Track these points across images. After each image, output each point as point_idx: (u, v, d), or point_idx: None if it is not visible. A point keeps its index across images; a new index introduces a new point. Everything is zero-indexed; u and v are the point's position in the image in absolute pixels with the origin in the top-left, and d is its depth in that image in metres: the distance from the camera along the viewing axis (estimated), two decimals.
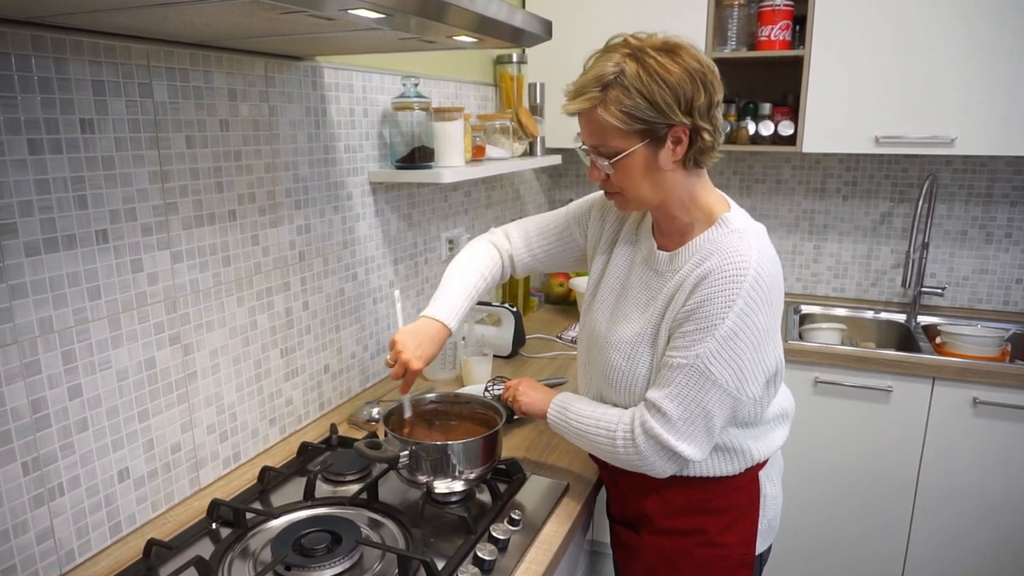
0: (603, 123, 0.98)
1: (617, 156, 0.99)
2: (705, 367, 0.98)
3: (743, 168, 2.57)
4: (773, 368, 1.05)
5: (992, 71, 1.91)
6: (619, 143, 0.98)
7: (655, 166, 1.00)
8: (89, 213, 1.00)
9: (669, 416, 1.00)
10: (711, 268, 0.99)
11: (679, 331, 1.01)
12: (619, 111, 0.95)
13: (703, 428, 1.01)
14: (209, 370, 1.24)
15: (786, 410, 1.17)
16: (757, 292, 0.97)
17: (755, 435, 1.10)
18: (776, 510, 1.17)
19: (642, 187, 1.02)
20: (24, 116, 0.91)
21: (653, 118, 0.95)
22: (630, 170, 1.01)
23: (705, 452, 1.03)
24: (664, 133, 0.97)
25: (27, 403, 0.95)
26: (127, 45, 1.03)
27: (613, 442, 1.06)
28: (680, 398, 1.00)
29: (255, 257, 1.32)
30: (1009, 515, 1.92)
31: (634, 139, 0.98)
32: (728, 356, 0.97)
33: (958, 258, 2.36)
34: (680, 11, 2.16)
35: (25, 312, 0.93)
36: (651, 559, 1.17)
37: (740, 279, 0.96)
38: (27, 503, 0.96)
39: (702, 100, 0.96)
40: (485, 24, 0.99)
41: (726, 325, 0.96)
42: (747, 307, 0.96)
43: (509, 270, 1.33)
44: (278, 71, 1.33)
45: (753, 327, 0.97)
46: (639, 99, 0.94)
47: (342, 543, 1.03)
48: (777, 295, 1.01)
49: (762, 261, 0.98)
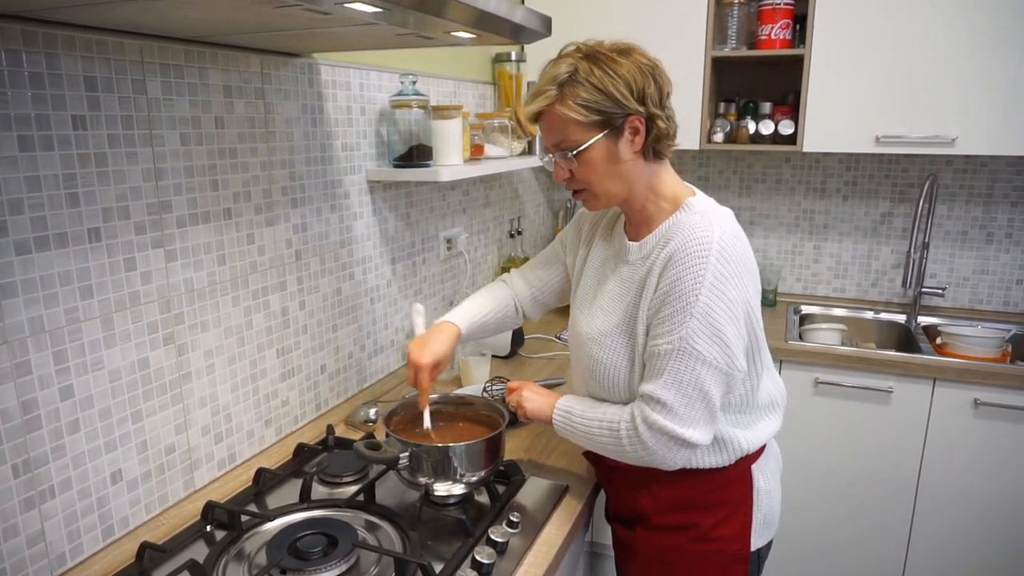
0: (562, 118, 1.02)
1: (578, 148, 1.03)
2: (692, 347, 0.99)
3: (743, 167, 2.56)
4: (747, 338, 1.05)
5: (993, 71, 1.90)
6: (579, 136, 1.02)
7: (616, 157, 1.03)
8: (81, 211, 0.98)
9: (668, 404, 1.01)
10: (675, 247, 1.01)
11: (657, 317, 1.02)
12: (576, 104, 1.00)
13: (703, 409, 1.01)
14: (204, 370, 1.23)
15: (775, 399, 1.16)
16: (723, 265, 0.98)
17: (744, 423, 1.10)
18: (771, 505, 1.17)
19: (606, 179, 1.05)
20: (14, 112, 0.89)
21: (609, 108, 0.99)
22: (593, 163, 1.04)
23: (709, 434, 1.04)
24: (621, 123, 1.01)
25: (17, 404, 0.93)
26: (120, 41, 1.01)
27: (619, 440, 1.06)
28: (675, 384, 1.00)
29: (251, 256, 1.31)
30: (1009, 516, 1.91)
31: (593, 130, 1.01)
32: (710, 332, 0.98)
33: (958, 258, 2.36)
34: (680, 9, 2.15)
35: (15, 312, 0.92)
36: (647, 556, 1.17)
37: (705, 254, 0.98)
38: (17, 506, 0.94)
39: (652, 89, 1.01)
40: (484, 20, 0.98)
41: (701, 302, 0.97)
42: (717, 280, 0.97)
43: (522, 310, 1.38)
44: (274, 68, 1.31)
45: (726, 299, 0.98)
46: (594, 91, 0.99)
47: (338, 546, 1.01)
48: (746, 268, 1.02)
49: (724, 235, 1.00)
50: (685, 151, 2.59)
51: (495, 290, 1.36)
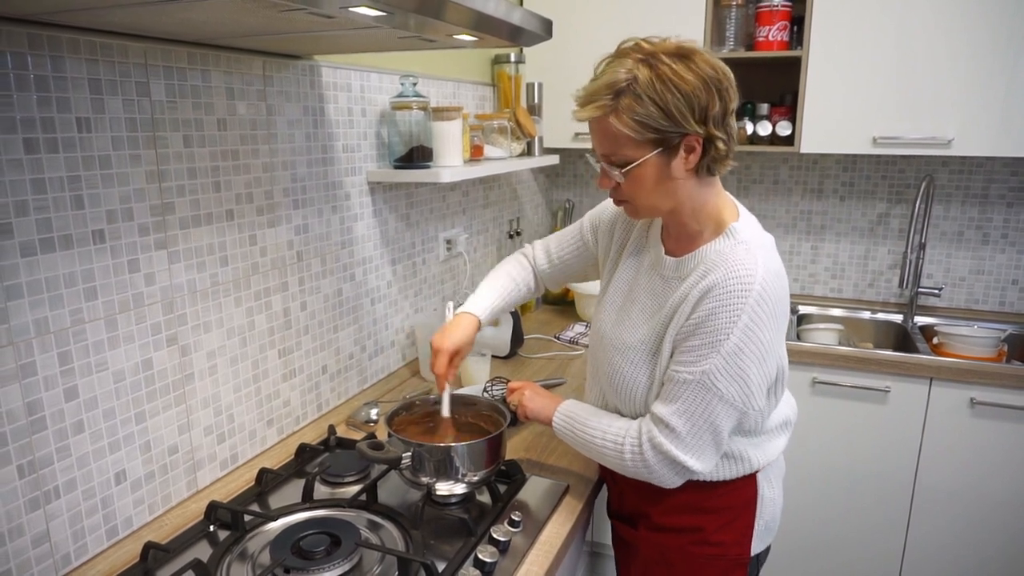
0: (615, 132, 0.96)
1: (629, 166, 0.98)
2: (712, 383, 0.97)
3: (740, 168, 2.57)
4: (774, 377, 1.04)
5: (989, 72, 1.92)
6: (631, 152, 0.97)
7: (667, 175, 0.98)
8: (86, 213, 0.99)
9: (677, 431, 1.00)
10: (716, 281, 0.97)
11: (684, 345, 1.00)
12: (631, 120, 0.93)
13: (711, 442, 1.01)
14: (206, 371, 1.23)
15: (788, 418, 1.17)
16: (762, 307, 0.95)
17: (756, 443, 1.11)
18: (774, 512, 1.17)
19: (652, 196, 1.01)
20: (20, 115, 0.90)
21: (666, 127, 0.93)
22: (641, 179, 0.99)
23: (712, 465, 1.04)
24: (677, 142, 0.95)
25: (23, 405, 0.94)
26: (124, 43, 1.02)
27: (621, 455, 1.06)
28: (687, 414, 1.00)
29: (253, 257, 1.31)
30: (1006, 514, 1.93)
31: (646, 148, 0.96)
32: (734, 372, 0.97)
33: (955, 259, 2.37)
34: (678, 11, 2.16)
35: (21, 313, 0.92)
36: (647, 555, 1.17)
37: (745, 294, 0.95)
38: (23, 506, 0.95)
39: (716, 109, 0.94)
40: (484, 22, 0.98)
41: (731, 341, 0.95)
42: (752, 323, 0.95)
43: (542, 283, 1.40)
44: (276, 70, 1.32)
45: (758, 342, 0.96)
46: (652, 108, 0.92)
47: (341, 545, 1.02)
48: (782, 310, 1.00)
49: (767, 276, 0.97)
50: None
51: (514, 270, 1.35)
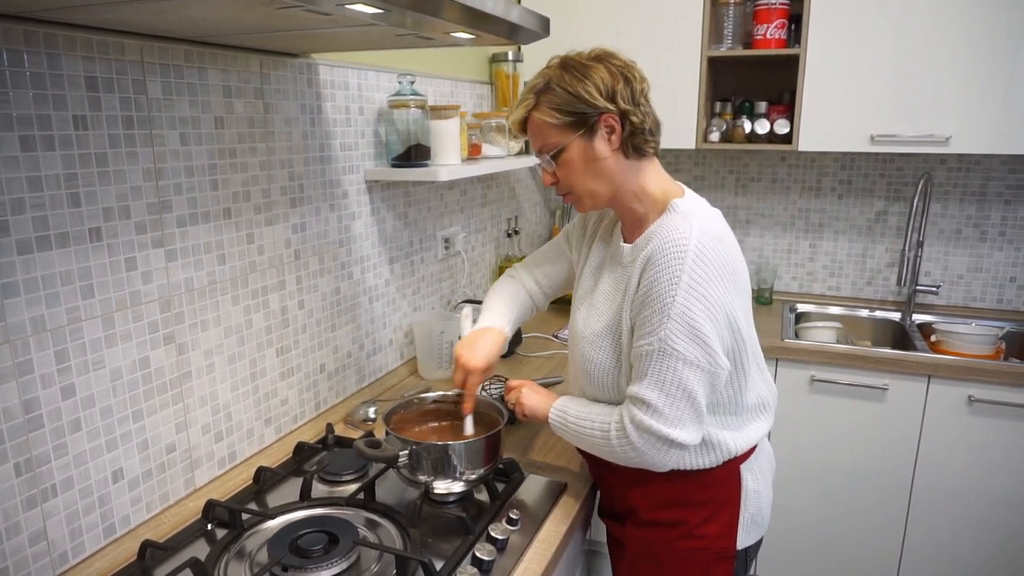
0: (540, 123, 1.07)
1: (557, 150, 1.07)
2: (671, 348, 0.99)
3: (739, 167, 2.57)
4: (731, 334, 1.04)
5: (987, 70, 1.92)
6: (556, 138, 1.07)
7: (593, 156, 1.06)
8: (82, 211, 0.99)
9: (653, 405, 1.02)
10: (653, 249, 1.03)
11: (639, 319, 1.04)
12: (549, 108, 1.05)
13: (689, 409, 1.02)
14: (204, 369, 1.23)
15: (766, 400, 1.16)
16: (700, 266, 0.99)
17: (732, 425, 1.11)
18: (760, 504, 1.17)
19: (587, 179, 1.08)
20: (16, 112, 0.89)
21: (580, 108, 1.03)
22: (572, 164, 1.07)
23: (697, 434, 1.05)
24: (595, 122, 1.04)
25: (19, 403, 0.93)
26: (121, 41, 1.02)
27: (609, 441, 1.07)
28: (659, 385, 1.01)
29: (250, 256, 1.31)
30: (1004, 512, 1.93)
31: (568, 132, 1.06)
32: (688, 331, 0.99)
33: (953, 256, 2.37)
34: (676, 9, 2.16)
35: (17, 311, 0.92)
36: (635, 551, 1.18)
37: (681, 255, 0.99)
38: (20, 505, 0.95)
39: (622, 87, 1.04)
40: (482, 19, 0.98)
41: (678, 302, 0.98)
42: (693, 280, 0.98)
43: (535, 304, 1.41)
44: (273, 68, 1.32)
45: (703, 298, 0.98)
46: (564, 94, 1.04)
47: (339, 544, 1.02)
48: (727, 269, 1.01)
49: (703, 238, 1.00)
50: (681, 150, 2.60)
51: (512, 291, 1.37)
